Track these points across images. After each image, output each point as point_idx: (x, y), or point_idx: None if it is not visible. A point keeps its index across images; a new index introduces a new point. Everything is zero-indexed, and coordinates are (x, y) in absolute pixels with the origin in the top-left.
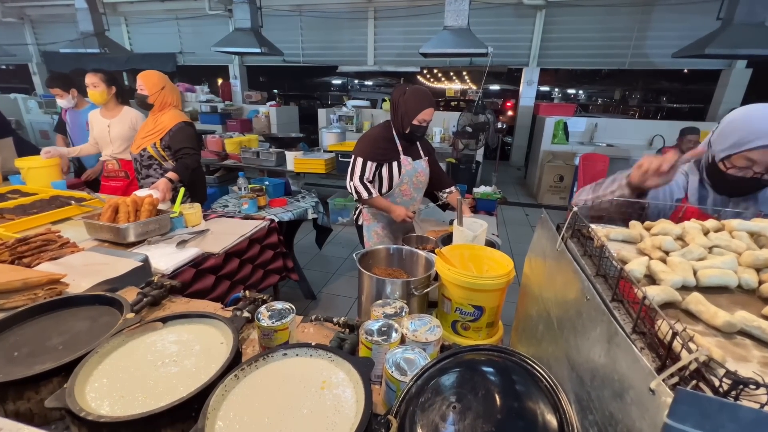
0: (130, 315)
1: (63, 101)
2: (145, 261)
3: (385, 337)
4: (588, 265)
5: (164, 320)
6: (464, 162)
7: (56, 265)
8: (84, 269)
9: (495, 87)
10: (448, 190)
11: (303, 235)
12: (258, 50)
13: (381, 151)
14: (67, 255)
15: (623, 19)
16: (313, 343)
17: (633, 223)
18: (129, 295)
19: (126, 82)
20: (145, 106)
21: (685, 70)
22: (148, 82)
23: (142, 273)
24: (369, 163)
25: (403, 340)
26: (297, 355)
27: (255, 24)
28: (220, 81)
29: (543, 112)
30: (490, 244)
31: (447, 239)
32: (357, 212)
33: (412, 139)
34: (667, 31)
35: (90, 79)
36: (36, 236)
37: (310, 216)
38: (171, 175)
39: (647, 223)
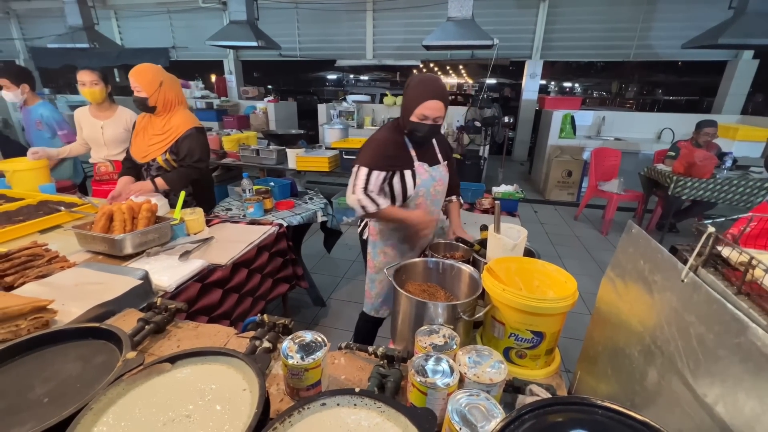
0: (131, 354)
1: (9, 94)
2: (145, 278)
3: (440, 376)
4: (762, 317)
5: (173, 360)
6: (470, 158)
7: (43, 286)
8: (75, 290)
9: (491, 81)
10: (448, 198)
11: (308, 236)
12: (255, 44)
13: (389, 159)
14: (56, 272)
15: (627, 9)
16: (357, 389)
17: None
18: (128, 320)
19: (117, 79)
20: (146, 109)
21: (679, 63)
22: (142, 80)
23: (142, 292)
24: (375, 173)
25: (461, 380)
26: (338, 404)
27: (251, 16)
28: (213, 77)
29: (549, 105)
30: (528, 252)
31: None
32: (362, 224)
33: (420, 141)
34: (672, 21)
35: (88, 76)
36: (20, 250)
37: (320, 219)
38: (159, 181)
39: None
